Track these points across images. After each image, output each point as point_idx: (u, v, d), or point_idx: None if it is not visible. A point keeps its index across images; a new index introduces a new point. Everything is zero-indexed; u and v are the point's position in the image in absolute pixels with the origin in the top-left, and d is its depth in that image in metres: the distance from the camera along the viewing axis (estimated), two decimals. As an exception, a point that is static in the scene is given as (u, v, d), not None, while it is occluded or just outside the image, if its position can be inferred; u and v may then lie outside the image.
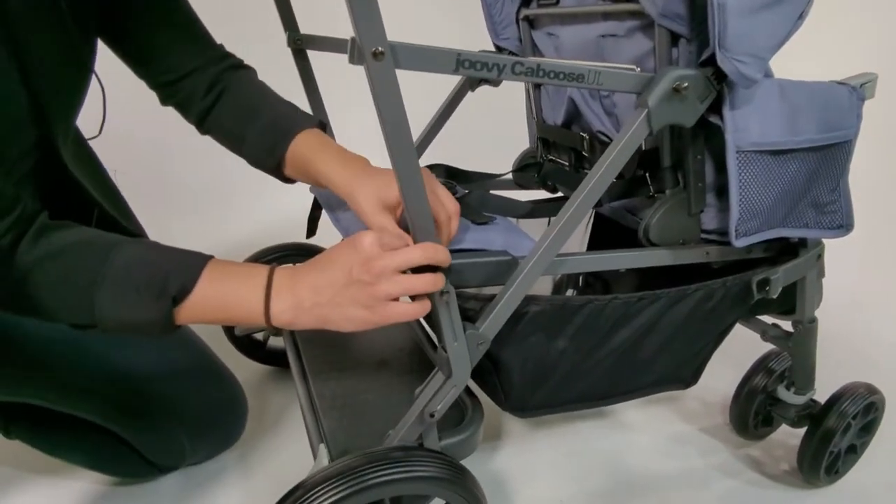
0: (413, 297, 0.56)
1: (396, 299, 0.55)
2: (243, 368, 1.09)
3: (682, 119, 0.60)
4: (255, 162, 0.77)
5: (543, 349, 0.70)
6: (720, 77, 0.59)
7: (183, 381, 0.80)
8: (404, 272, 0.54)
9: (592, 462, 0.95)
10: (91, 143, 0.80)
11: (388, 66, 0.45)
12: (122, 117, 0.74)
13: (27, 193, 0.65)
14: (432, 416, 0.61)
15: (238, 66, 0.80)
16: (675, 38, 0.64)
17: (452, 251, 0.58)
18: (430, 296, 0.56)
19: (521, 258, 0.61)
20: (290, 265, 0.56)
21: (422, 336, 0.90)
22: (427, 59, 0.48)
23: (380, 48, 0.44)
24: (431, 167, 0.87)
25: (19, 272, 0.52)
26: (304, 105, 0.90)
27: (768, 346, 0.92)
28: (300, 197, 0.90)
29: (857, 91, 0.69)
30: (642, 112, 0.58)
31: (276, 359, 1.11)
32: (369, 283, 0.53)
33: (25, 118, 0.61)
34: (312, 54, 0.88)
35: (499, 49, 0.97)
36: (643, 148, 0.73)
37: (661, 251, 0.70)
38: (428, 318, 0.58)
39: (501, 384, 0.72)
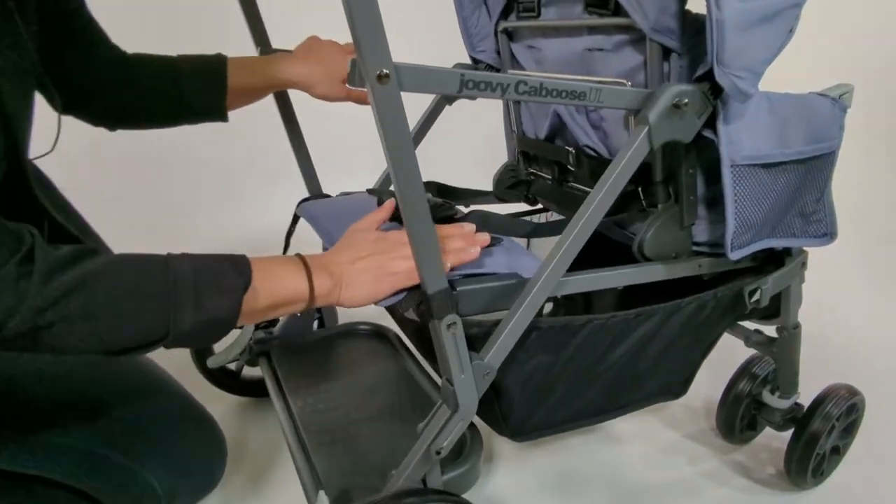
0: None
1: None
2: (217, 401, 1.03)
3: (681, 135, 0.59)
4: (197, 108, 0.79)
5: (544, 371, 0.68)
6: (717, 92, 0.59)
7: (158, 429, 0.75)
8: None
9: (586, 478, 0.94)
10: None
11: (393, 88, 0.42)
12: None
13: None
14: (438, 453, 0.57)
15: (124, 53, 0.80)
16: (666, 52, 0.63)
17: (456, 278, 0.56)
18: (432, 326, 0.53)
19: (528, 281, 0.59)
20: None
21: (412, 364, 0.87)
22: (432, 80, 0.45)
23: (385, 70, 0.41)
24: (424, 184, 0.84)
25: (51, 299, 0.48)
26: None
27: (745, 351, 0.93)
28: (266, 213, 0.86)
29: (838, 102, 0.70)
30: (643, 129, 0.57)
31: (252, 389, 1.05)
32: (392, 247, 0.61)
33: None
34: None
35: (475, 62, 0.95)
36: (634, 162, 0.73)
37: (658, 266, 0.70)
38: (423, 347, 0.56)
39: (501, 410, 0.70)
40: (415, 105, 0.89)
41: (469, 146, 1.72)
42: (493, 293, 0.57)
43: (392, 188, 0.87)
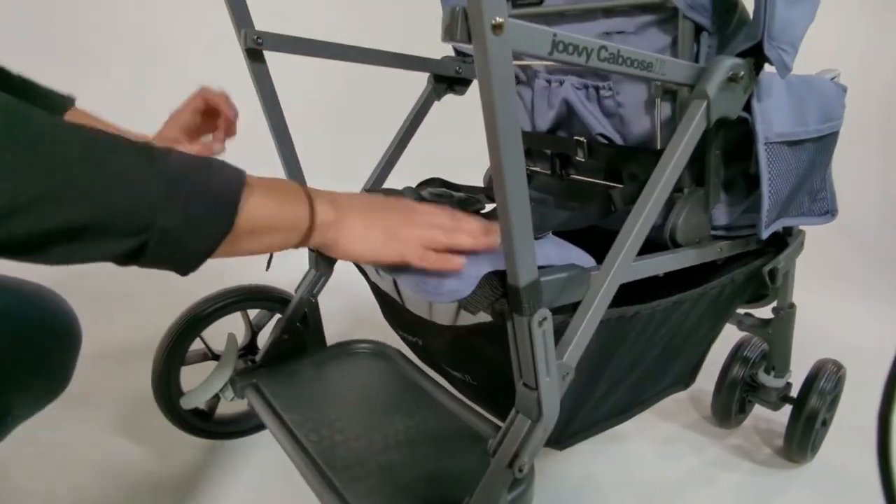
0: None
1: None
2: (184, 447, 0.88)
3: (731, 110, 0.58)
4: None
5: (594, 367, 0.63)
6: (758, 68, 0.59)
7: None
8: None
9: (605, 483, 0.90)
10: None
11: (505, 42, 0.36)
12: None
13: None
14: (521, 470, 0.51)
15: None
16: (696, 32, 0.62)
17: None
18: (518, 325, 0.47)
19: (592, 270, 0.54)
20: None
21: (424, 380, 0.79)
22: (531, 38, 0.40)
23: (499, 18, 0.35)
24: (428, 181, 0.77)
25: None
26: (258, 114, 0.75)
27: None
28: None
29: (839, 84, 0.73)
30: (701, 104, 0.55)
31: (227, 430, 0.91)
32: (412, 211, 0.55)
33: None
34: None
35: (460, 54, 0.91)
36: (659, 147, 0.71)
37: (692, 251, 0.68)
38: (457, 357, 0.49)
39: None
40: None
41: (451, 144, 1.67)
42: (564, 284, 0.52)
43: (401, 187, 0.79)
